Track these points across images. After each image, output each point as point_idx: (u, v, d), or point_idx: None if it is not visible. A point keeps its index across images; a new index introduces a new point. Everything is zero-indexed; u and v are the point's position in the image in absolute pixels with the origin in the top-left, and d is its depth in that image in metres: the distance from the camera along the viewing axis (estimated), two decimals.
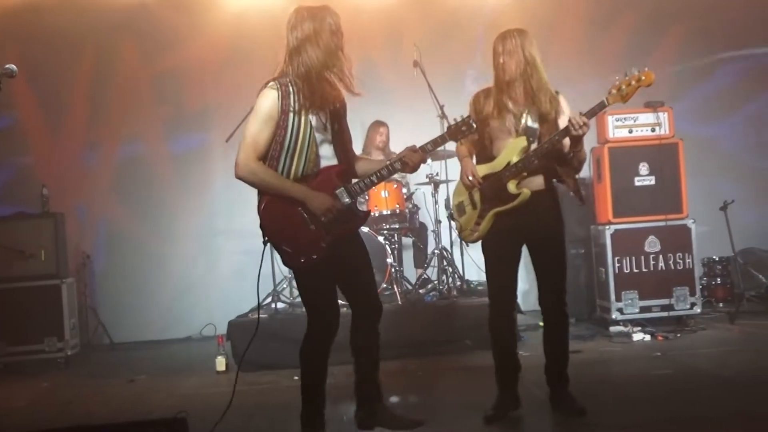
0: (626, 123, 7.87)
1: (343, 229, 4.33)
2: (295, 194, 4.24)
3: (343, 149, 4.43)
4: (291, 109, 4.24)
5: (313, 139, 4.27)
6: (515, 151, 4.73)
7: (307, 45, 4.35)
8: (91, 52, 9.50)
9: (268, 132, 4.25)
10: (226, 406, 4.77)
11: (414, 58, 8.00)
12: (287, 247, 4.27)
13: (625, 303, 7.65)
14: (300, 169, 4.27)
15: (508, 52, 4.84)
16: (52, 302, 7.91)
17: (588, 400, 5.18)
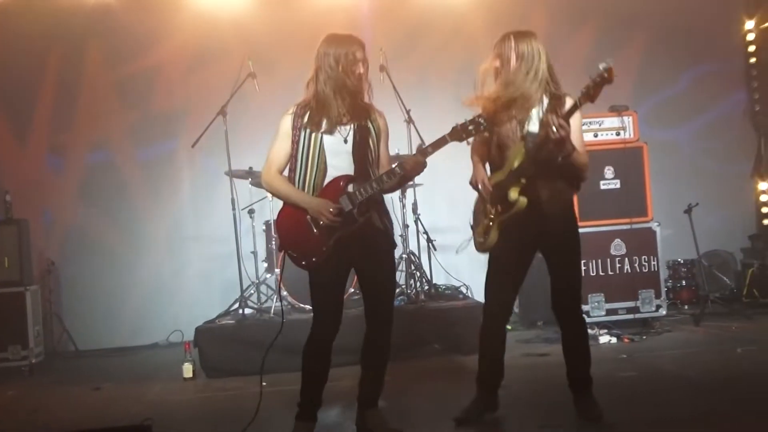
0: (591, 127, 7.92)
1: (343, 233, 4.57)
2: (297, 201, 4.63)
3: (361, 162, 4.66)
4: (302, 127, 4.65)
5: (323, 152, 4.61)
6: (516, 157, 4.63)
7: (319, 71, 4.70)
8: (55, 57, 9.41)
9: (283, 150, 4.70)
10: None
11: (380, 62, 8.01)
12: (293, 251, 4.67)
13: (591, 306, 7.70)
14: (312, 180, 4.64)
15: (503, 56, 4.84)
16: (16, 310, 7.82)
17: (554, 403, 5.22)
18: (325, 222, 4.54)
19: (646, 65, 9.79)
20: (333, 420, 5.43)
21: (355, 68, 4.67)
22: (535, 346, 7.36)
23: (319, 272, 4.65)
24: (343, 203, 4.56)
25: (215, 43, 9.35)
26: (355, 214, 4.57)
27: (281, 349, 7.10)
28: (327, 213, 4.52)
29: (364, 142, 4.68)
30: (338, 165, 4.63)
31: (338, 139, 4.64)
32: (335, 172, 4.62)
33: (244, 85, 8.01)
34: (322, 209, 4.53)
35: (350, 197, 4.57)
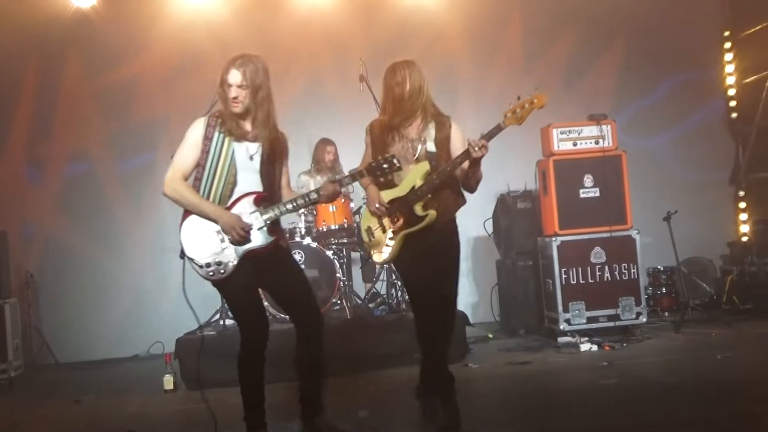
0: (570, 136, 7.98)
1: (253, 250, 4.64)
2: (209, 212, 4.63)
3: (269, 181, 4.77)
4: (214, 138, 4.68)
5: (233, 165, 4.66)
6: (419, 176, 4.96)
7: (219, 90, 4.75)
8: (34, 67, 9.37)
9: (191, 158, 4.70)
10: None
11: (360, 72, 8.02)
12: (198, 261, 4.65)
13: (572, 314, 7.73)
14: (219, 190, 4.67)
15: (400, 83, 5.06)
16: None
17: (535, 411, 5.23)
18: (235, 238, 4.59)
19: (624, 74, 9.89)
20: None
21: (225, 91, 4.68)
22: (516, 355, 7.37)
23: (229, 285, 4.69)
24: (254, 220, 4.65)
25: (194, 52, 9.34)
26: (266, 232, 4.68)
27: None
28: (240, 230, 4.59)
29: (272, 162, 4.80)
30: (246, 180, 4.71)
31: (246, 155, 4.71)
32: (242, 187, 4.70)
33: None
34: (235, 225, 4.59)
35: (262, 214, 4.68)
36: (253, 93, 4.68)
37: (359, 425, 5.44)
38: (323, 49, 9.67)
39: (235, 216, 4.61)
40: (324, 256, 7.62)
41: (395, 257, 5.08)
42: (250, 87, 4.67)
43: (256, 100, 4.68)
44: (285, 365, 6.86)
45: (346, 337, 7.28)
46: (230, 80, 4.66)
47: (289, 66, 9.61)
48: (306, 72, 9.69)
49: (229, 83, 4.66)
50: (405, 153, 5.03)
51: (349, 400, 6.06)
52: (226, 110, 4.68)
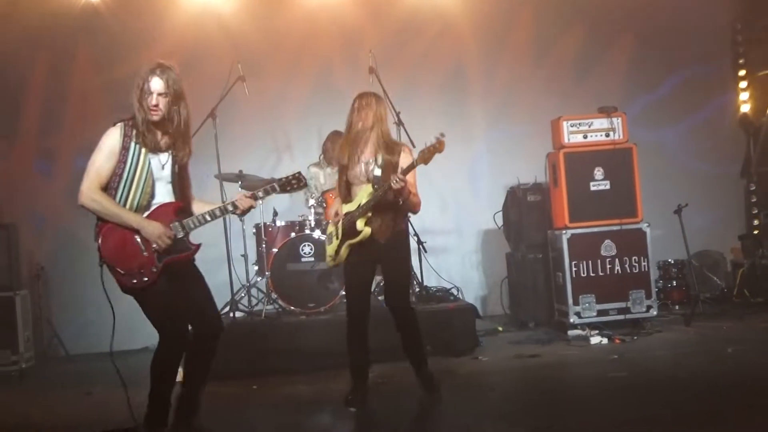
0: (581, 128, 7.95)
1: (174, 258, 4.77)
2: (132, 222, 4.69)
3: (182, 190, 4.90)
4: (131, 146, 4.71)
5: (150, 174, 4.73)
6: (364, 195, 5.63)
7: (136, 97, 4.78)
8: (43, 61, 9.36)
9: (108, 167, 4.71)
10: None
11: (369, 64, 8.02)
12: (120, 269, 4.71)
13: (582, 307, 7.72)
14: (136, 200, 4.73)
15: (362, 108, 5.72)
16: (6, 315, 7.78)
17: (544, 403, 5.23)
18: (162, 246, 4.68)
19: (635, 66, 9.84)
20: (327, 421, 5.41)
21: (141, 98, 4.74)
22: (526, 348, 7.36)
23: (149, 292, 4.74)
24: (174, 230, 4.76)
25: (204, 46, 9.33)
26: (186, 241, 4.83)
27: (272, 352, 7.16)
28: (165, 239, 4.68)
29: (183, 171, 4.91)
30: (160, 190, 4.80)
31: (159, 165, 4.79)
32: (158, 198, 4.79)
33: (233, 88, 8.00)
34: (161, 234, 4.68)
35: (182, 225, 4.79)
36: (172, 101, 4.77)
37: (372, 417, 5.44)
38: (332, 41, 9.65)
39: (159, 225, 4.70)
40: None
41: (341, 261, 5.81)
42: (171, 95, 4.76)
43: (174, 107, 4.78)
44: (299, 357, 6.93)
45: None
46: (152, 88, 4.73)
47: (298, 58, 9.61)
48: (315, 64, 9.67)
49: (150, 91, 4.72)
50: (359, 174, 5.70)
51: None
52: (143, 119, 4.71)
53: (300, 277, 7.56)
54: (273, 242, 7.86)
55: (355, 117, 5.74)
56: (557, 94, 9.53)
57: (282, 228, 8.04)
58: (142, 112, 4.70)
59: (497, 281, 9.38)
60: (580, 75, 9.77)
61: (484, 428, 4.98)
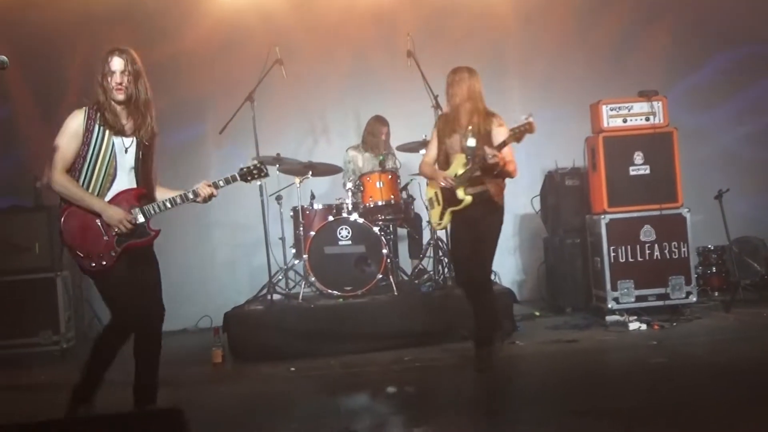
0: (621, 112, 7.87)
1: (133, 243, 4.85)
2: (94, 206, 4.77)
3: (144, 176, 4.96)
4: (95, 130, 4.80)
5: (113, 158, 4.82)
6: (459, 165, 6.04)
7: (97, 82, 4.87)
8: (84, 44, 9.40)
9: (72, 149, 4.79)
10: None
11: (408, 48, 7.99)
12: (80, 252, 4.78)
13: (620, 292, 7.65)
14: (99, 183, 4.81)
15: (456, 83, 6.10)
16: (47, 295, 7.87)
17: (582, 388, 5.20)
18: (123, 231, 4.76)
19: (676, 48, 9.69)
20: (362, 405, 5.43)
21: (107, 82, 4.81)
22: (564, 333, 7.32)
23: (108, 276, 4.81)
24: (135, 214, 4.83)
25: (242, 29, 9.36)
26: (146, 227, 4.90)
27: (309, 335, 7.20)
28: (126, 223, 4.76)
29: (146, 157, 4.97)
30: (122, 175, 4.86)
31: (122, 149, 4.86)
32: (120, 182, 4.85)
33: (271, 71, 8.01)
34: (122, 219, 4.76)
35: (143, 211, 4.86)
36: (135, 79, 4.84)
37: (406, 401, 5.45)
38: (370, 24, 9.62)
39: (120, 210, 4.77)
40: (371, 232, 7.62)
41: (445, 227, 6.41)
42: (132, 73, 4.83)
43: (138, 86, 4.85)
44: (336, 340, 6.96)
45: (392, 314, 7.30)
46: (113, 67, 4.80)
47: (335, 41, 9.60)
48: (352, 47, 9.66)
49: (112, 70, 4.79)
50: (455, 143, 6.10)
51: (395, 377, 6.08)
52: (107, 101, 4.78)
53: (337, 260, 7.58)
54: (310, 225, 7.88)
55: (450, 91, 6.13)
56: (597, 77, 9.43)
57: (319, 211, 8.06)
58: (105, 93, 4.79)
59: (534, 266, 9.34)
60: (621, 58, 9.65)
61: (522, 412, 4.96)
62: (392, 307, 7.36)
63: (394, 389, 5.63)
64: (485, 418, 4.83)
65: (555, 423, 4.59)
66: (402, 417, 5.00)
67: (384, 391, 5.66)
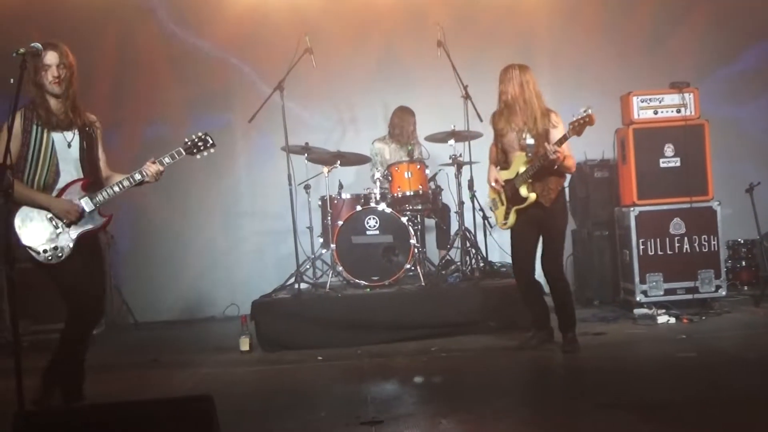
0: (651, 104, 7.81)
1: (85, 231, 5.04)
2: (41, 202, 4.97)
3: (90, 165, 5.14)
4: (32, 129, 4.95)
5: (54, 153, 4.99)
6: (520, 163, 6.15)
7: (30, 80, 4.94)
8: (114, 32, 9.50)
9: (14, 148, 4.80)
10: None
11: (437, 38, 7.97)
12: (38, 248, 4.94)
13: (649, 285, 7.61)
14: (42, 180, 4.99)
15: (506, 81, 6.20)
16: None
17: (610, 380, 5.18)
18: (72, 220, 4.95)
19: (708, 40, 9.57)
20: (389, 394, 5.44)
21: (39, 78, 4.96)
22: (591, 326, 7.29)
23: (65, 268, 4.97)
24: (84, 204, 5.01)
25: (271, 18, 9.37)
26: (96, 215, 5.08)
27: (336, 324, 7.22)
28: (74, 212, 4.95)
29: (90, 147, 5.14)
30: (67, 168, 5.04)
31: (65, 143, 5.04)
32: (65, 176, 5.02)
33: (300, 60, 8.02)
34: (69, 209, 4.95)
35: (91, 199, 5.04)
36: (69, 72, 5.03)
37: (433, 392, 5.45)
38: (400, 14, 9.59)
39: (66, 201, 4.96)
40: (399, 222, 7.61)
41: (511, 226, 6.34)
42: (67, 66, 5.02)
43: (72, 78, 5.05)
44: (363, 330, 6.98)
45: (419, 304, 7.30)
46: (48, 61, 4.95)
47: (364, 32, 9.59)
48: (382, 37, 9.64)
49: (47, 64, 4.94)
50: (513, 141, 6.20)
51: (422, 367, 6.08)
52: (42, 97, 4.94)
53: (365, 249, 7.58)
54: (338, 215, 7.88)
55: (500, 88, 6.24)
56: (627, 68, 9.35)
57: (347, 201, 8.07)
58: (40, 89, 4.94)
59: None
60: (652, 49, 9.56)
61: (550, 404, 4.95)
62: (419, 298, 7.36)
63: (420, 379, 5.62)
64: (513, 409, 4.81)
65: (584, 415, 4.57)
66: (429, 407, 5.00)
67: (411, 381, 5.66)
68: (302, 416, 4.91)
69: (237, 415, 4.71)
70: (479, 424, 4.55)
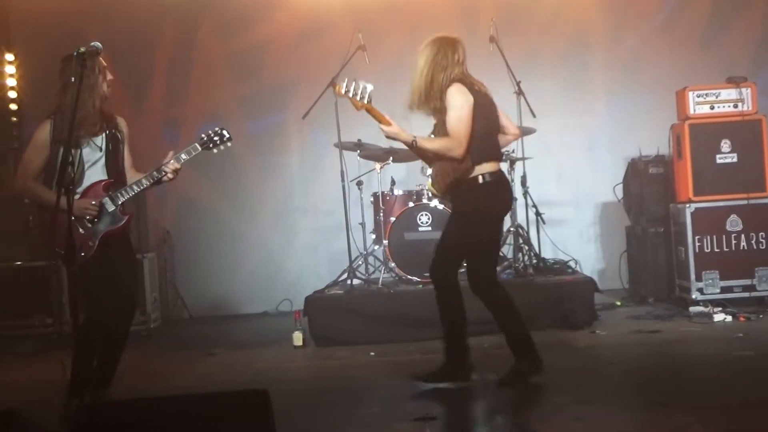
0: (708, 99, 7.71)
1: (109, 230, 5.06)
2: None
3: (114, 167, 5.15)
4: (61, 140, 4.78)
5: (81, 161, 4.99)
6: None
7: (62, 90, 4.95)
8: (169, 30, 9.62)
9: (41, 157, 5.03)
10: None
11: (490, 33, 7.94)
12: (59, 248, 4.81)
13: (705, 283, 7.51)
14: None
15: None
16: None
17: (666, 379, 5.13)
18: (91, 215, 4.97)
19: (766, 33, 9.40)
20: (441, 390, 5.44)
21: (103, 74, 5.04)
22: (646, 323, 7.22)
23: (89, 268, 4.95)
24: (106, 205, 5.04)
25: (324, 15, 9.41)
26: (119, 213, 5.07)
27: (389, 320, 7.24)
28: (92, 209, 4.96)
29: (116, 150, 5.16)
30: (93, 173, 5.06)
31: (94, 148, 5.06)
32: (91, 178, 5.05)
33: (353, 57, 8.05)
34: (86, 206, 4.94)
35: (112, 199, 5.05)
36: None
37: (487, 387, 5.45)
38: (452, 9, 9.57)
39: (83, 200, 4.94)
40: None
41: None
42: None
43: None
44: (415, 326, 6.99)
45: (471, 300, 7.27)
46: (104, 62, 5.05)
47: (416, 27, 9.54)
48: (433, 32, 9.58)
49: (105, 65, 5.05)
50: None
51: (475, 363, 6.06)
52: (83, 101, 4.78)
53: (417, 246, 7.58)
54: (390, 211, 7.90)
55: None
56: (683, 63, 9.22)
57: (400, 197, 8.08)
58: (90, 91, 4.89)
59: (615, 255, 9.20)
60: (708, 43, 9.41)
61: (607, 402, 4.91)
62: (472, 294, 7.33)
63: (474, 376, 5.61)
64: (568, 406, 4.78)
65: (641, 414, 4.54)
66: (483, 404, 5.00)
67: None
68: (355, 412, 4.94)
69: (290, 410, 4.74)
70: (534, 421, 4.55)
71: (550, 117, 8.80)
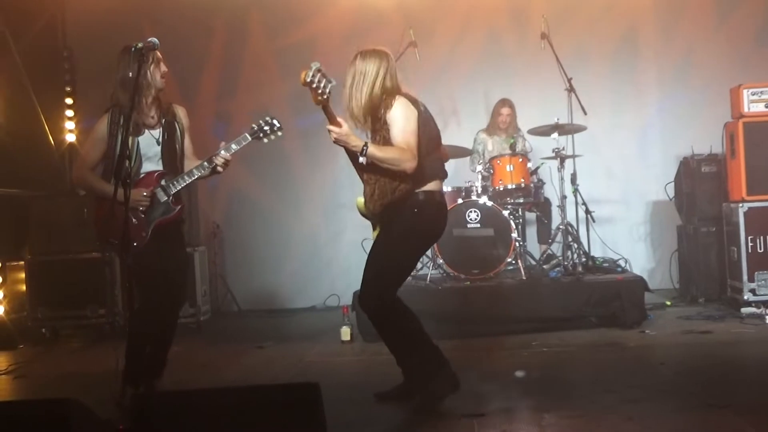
0: (763, 97, 7.59)
1: (161, 220, 5.12)
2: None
3: (170, 158, 5.18)
4: (118, 134, 4.91)
5: (139, 156, 5.06)
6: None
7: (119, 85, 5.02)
8: (221, 27, 9.73)
9: (98, 150, 5.12)
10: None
11: (542, 30, 7.91)
12: (114, 239, 4.93)
13: (758, 283, 7.41)
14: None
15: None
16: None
17: (719, 380, 5.07)
18: (144, 205, 5.02)
19: None
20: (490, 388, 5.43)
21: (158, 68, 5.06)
22: (696, 324, 7.14)
23: (143, 257, 4.94)
24: (158, 195, 5.08)
25: (374, 12, 9.44)
26: (170, 203, 5.12)
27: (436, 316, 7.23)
28: (143, 199, 5.00)
29: (171, 140, 5.18)
30: (149, 162, 5.12)
31: (151, 141, 5.11)
32: (147, 169, 5.11)
33: (404, 54, 8.06)
34: (138, 197, 4.96)
35: (164, 189, 5.10)
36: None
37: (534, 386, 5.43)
38: (503, 6, 9.54)
39: (135, 190, 4.91)
40: (500, 215, 7.59)
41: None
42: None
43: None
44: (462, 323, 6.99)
45: (520, 298, 7.28)
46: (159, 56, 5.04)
47: (467, 23, 9.57)
48: (485, 29, 9.60)
49: (160, 58, 5.06)
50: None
51: (521, 361, 6.06)
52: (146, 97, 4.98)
53: (465, 242, 7.58)
54: None
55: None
56: (737, 60, 9.09)
57: (448, 193, 8.04)
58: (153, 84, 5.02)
59: (666, 254, 9.12)
60: (763, 40, 9.28)
61: (654, 402, 4.87)
62: (520, 292, 7.34)
63: (522, 374, 5.60)
64: (617, 406, 4.74)
65: (693, 415, 4.48)
66: (531, 401, 4.98)
67: (512, 375, 5.65)
68: (403, 407, 4.96)
69: (339, 403, 4.78)
70: (584, 420, 4.51)
71: (601, 114, 8.75)
